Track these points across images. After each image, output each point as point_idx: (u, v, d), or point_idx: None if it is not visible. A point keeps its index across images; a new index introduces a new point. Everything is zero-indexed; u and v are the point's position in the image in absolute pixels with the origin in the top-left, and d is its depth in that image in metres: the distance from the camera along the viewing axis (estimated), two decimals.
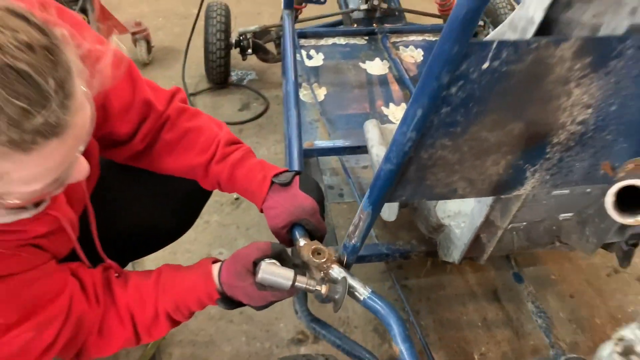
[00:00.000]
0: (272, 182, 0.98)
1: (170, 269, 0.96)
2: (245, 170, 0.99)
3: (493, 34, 0.83)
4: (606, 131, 0.82)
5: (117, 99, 0.91)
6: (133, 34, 2.45)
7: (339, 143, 1.50)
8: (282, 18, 2.27)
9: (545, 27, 0.78)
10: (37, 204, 0.77)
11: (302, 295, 1.17)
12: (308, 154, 1.50)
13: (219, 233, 1.76)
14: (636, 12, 0.72)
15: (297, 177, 0.99)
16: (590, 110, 0.78)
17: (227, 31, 2.23)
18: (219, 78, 2.33)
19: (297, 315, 1.17)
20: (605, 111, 0.78)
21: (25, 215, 0.75)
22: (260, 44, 2.28)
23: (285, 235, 0.99)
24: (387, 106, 1.80)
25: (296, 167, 1.29)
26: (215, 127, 1.03)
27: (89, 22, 2.19)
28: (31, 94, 0.55)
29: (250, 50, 2.29)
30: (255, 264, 0.88)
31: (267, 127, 2.20)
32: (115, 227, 1.03)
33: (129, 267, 1.22)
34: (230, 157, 0.99)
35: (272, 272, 0.85)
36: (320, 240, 0.99)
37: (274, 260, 0.88)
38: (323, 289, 0.87)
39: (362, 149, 1.47)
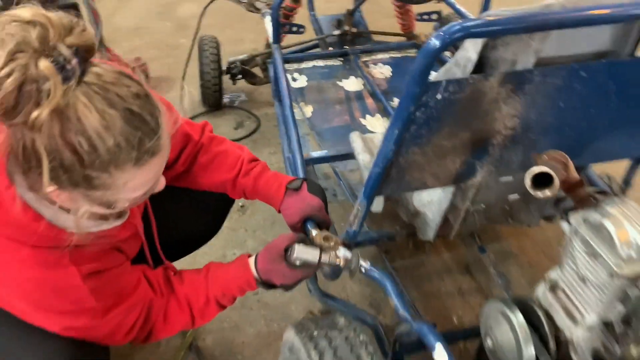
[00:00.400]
0: (287, 189, 1.27)
1: (216, 265, 1.20)
2: (264, 181, 1.28)
3: (443, 70, 1.14)
4: (530, 132, 1.14)
5: None
6: (133, 68, 2.71)
7: (330, 152, 1.80)
8: (266, 46, 2.57)
9: (480, 63, 1.09)
10: (120, 215, 1.05)
11: (313, 277, 1.47)
12: (305, 164, 1.79)
13: (230, 237, 2.04)
14: (539, 52, 1.04)
15: (305, 183, 1.29)
16: (516, 119, 1.09)
17: (219, 61, 2.52)
18: (214, 101, 2.62)
19: (311, 293, 1.46)
20: (526, 119, 1.10)
21: (117, 223, 1.03)
22: (248, 69, 2.57)
23: (300, 228, 1.28)
24: (364, 117, 2.10)
25: (301, 175, 1.59)
26: (238, 150, 1.32)
27: None
28: (143, 127, 0.80)
29: (240, 76, 2.58)
30: (286, 251, 1.16)
31: (260, 142, 2.50)
32: (164, 234, 1.31)
33: None
34: (252, 171, 1.28)
35: (303, 251, 1.11)
36: (327, 229, 1.28)
37: (301, 244, 1.16)
38: (341, 262, 1.15)
39: (349, 156, 1.76)
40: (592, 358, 1.00)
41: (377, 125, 2.05)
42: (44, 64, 0.69)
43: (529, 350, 1.02)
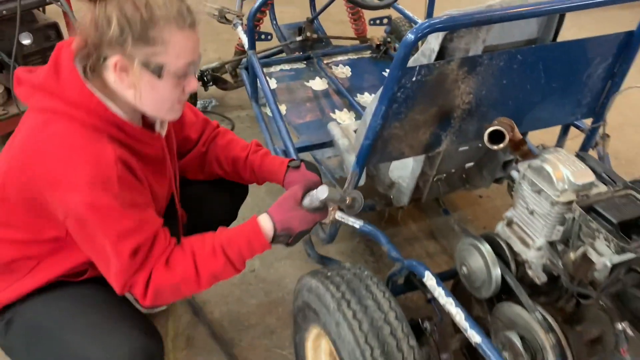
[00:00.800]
0: (288, 166, 1.53)
1: (224, 228, 1.31)
2: (269, 159, 1.53)
3: (412, 60, 1.43)
4: (482, 106, 1.44)
5: (187, 118, 1.44)
6: None
7: (310, 142, 2.06)
8: (235, 54, 2.80)
9: (441, 52, 1.38)
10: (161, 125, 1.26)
11: (309, 242, 1.72)
12: None
13: None
14: (485, 41, 1.35)
15: (302, 163, 1.55)
16: (471, 95, 1.39)
17: None
18: None
19: (310, 256, 1.72)
20: (479, 95, 1.40)
21: (157, 126, 1.24)
22: (219, 76, 2.80)
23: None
24: (333, 112, 2.38)
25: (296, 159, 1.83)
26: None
27: None
28: (182, 4, 1.06)
29: (211, 83, 2.80)
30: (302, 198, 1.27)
31: None
32: (190, 217, 1.53)
33: None
34: (259, 152, 1.53)
35: (323, 191, 1.22)
36: None
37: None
38: (348, 200, 1.28)
39: (326, 145, 2.04)
40: (543, 271, 1.31)
41: (346, 118, 2.33)
42: None
43: (496, 271, 1.32)
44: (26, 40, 2.41)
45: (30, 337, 1.22)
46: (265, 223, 1.22)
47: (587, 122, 1.71)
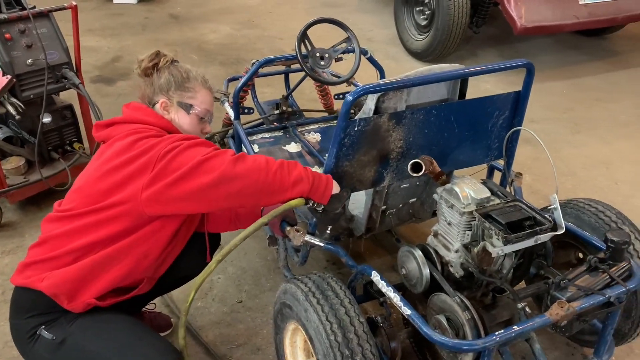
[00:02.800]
0: None
1: None
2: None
3: (359, 115, 1.91)
4: (411, 149, 1.90)
5: None
6: None
7: None
8: (223, 125, 3.31)
9: (377, 111, 1.86)
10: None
11: (286, 266, 2.14)
12: None
13: None
14: (407, 101, 1.84)
15: None
16: (402, 141, 1.86)
17: None
18: None
19: (286, 277, 2.11)
20: (408, 141, 1.87)
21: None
22: None
23: (279, 228, 1.96)
24: None
25: None
26: None
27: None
28: (204, 77, 1.74)
29: None
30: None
31: None
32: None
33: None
34: None
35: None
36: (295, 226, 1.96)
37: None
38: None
39: None
40: (461, 268, 1.72)
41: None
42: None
43: (426, 270, 1.74)
44: (47, 119, 2.87)
45: (78, 357, 1.55)
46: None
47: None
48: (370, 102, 1.83)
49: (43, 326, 1.56)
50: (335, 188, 1.73)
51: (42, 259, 1.57)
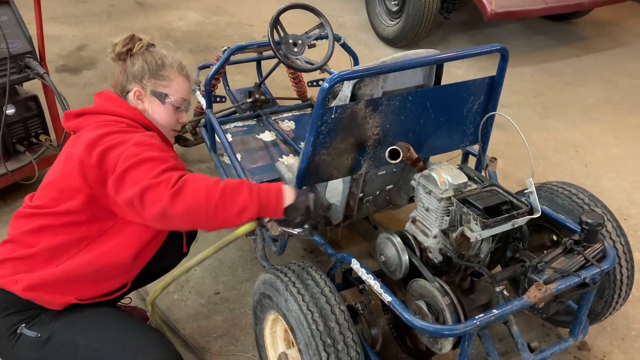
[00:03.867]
0: None
1: None
2: None
3: (335, 103, 1.89)
4: (388, 136, 1.90)
5: None
6: None
7: (262, 181, 2.48)
8: (195, 114, 3.25)
9: (353, 98, 1.85)
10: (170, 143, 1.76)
11: (264, 256, 2.11)
12: None
13: None
14: (383, 87, 1.83)
15: None
16: (379, 128, 1.85)
17: None
18: None
19: (265, 267, 2.09)
20: (385, 128, 1.86)
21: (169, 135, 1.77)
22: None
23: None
24: (281, 157, 2.81)
25: None
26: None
27: None
28: (181, 63, 1.68)
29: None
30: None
31: None
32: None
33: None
34: None
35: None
36: None
37: None
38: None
39: (276, 180, 2.46)
40: (439, 254, 1.73)
41: (291, 161, 2.77)
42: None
43: (405, 256, 1.74)
44: (10, 111, 2.77)
45: (69, 351, 1.51)
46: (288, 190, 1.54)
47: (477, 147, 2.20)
48: (346, 89, 1.81)
49: (23, 324, 1.52)
50: (289, 198, 1.52)
51: (13, 257, 1.54)
